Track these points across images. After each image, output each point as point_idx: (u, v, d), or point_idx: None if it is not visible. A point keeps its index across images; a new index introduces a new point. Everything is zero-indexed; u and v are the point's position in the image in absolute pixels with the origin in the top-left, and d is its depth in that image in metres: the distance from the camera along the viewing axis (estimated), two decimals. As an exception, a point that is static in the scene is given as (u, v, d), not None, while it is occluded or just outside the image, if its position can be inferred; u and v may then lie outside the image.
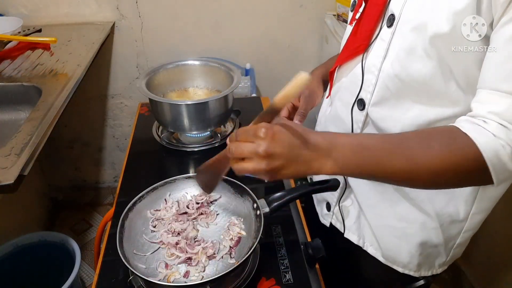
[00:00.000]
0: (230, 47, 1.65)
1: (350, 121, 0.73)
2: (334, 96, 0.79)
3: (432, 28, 0.56)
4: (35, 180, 1.83)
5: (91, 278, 1.67)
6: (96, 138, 1.87)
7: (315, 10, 1.61)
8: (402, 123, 0.65)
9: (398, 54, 0.62)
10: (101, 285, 0.72)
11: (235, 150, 0.55)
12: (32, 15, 1.50)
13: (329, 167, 0.54)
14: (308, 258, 0.77)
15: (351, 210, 0.81)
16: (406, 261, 0.77)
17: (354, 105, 0.71)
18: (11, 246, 1.35)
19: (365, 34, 0.66)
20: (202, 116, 1.03)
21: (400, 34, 0.61)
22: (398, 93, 0.64)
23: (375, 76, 0.65)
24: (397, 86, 0.63)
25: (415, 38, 0.58)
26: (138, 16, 1.55)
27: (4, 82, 1.12)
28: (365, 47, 0.67)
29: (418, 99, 0.63)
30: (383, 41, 0.64)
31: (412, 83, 0.61)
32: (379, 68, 0.65)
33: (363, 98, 0.69)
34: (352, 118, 0.72)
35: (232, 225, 0.77)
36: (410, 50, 0.60)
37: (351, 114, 0.72)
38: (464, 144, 0.51)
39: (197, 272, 0.68)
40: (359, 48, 0.67)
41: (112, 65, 1.66)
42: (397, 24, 0.61)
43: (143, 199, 0.79)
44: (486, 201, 0.71)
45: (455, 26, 0.54)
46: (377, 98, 0.67)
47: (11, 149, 0.83)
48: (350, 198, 0.81)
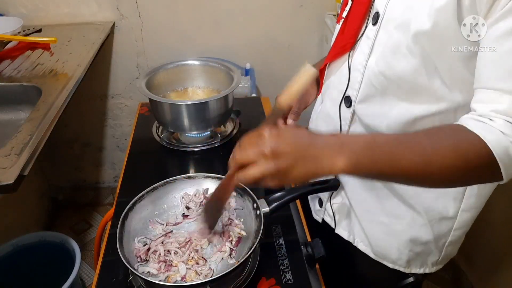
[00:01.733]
0: (230, 47, 1.65)
1: (338, 118, 0.74)
2: (324, 94, 0.79)
3: (415, 25, 0.56)
4: (35, 180, 1.83)
5: (91, 278, 1.67)
6: (96, 138, 1.87)
7: (315, 10, 1.61)
8: (388, 119, 0.66)
9: (383, 51, 0.62)
10: (101, 285, 0.72)
11: (240, 156, 0.53)
12: (32, 15, 1.50)
13: (341, 163, 0.51)
14: (308, 258, 0.77)
15: (341, 207, 0.82)
16: (395, 257, 0.77)
17: (341, 102, 0.72)
18: (11, 246, 1.35)
19: (352, 32, 0.67)
20: (202, 116, 1.03)
21: (385, 32, 0.62)
22: (383, 90, 0.64)
23: (361, 73, 0.66)
24: (382, 83, 0.64)
25: (399, 36, 0.59)
26: (138, 16, 1.55)
27: (4, 82, 1.12)
28: (351, 45, 0.67)
29: (403, 96, 0.63)
30: (368, 39, 0.64)
31: (397, 80, 0.62)
32: (365, 65, 0.65)
33: (349, 95, 0.70)
34: (340, 115, 0.73)
35: (232, 225, 0.77)
36: (394, 47, 0.60)
37: (339, 111, 0.73)
38: (473, 142, 0.51)
39: (197, 272, 0.68)
40: (346, 46, 0.68)
41: (112, 65, 1.66)
42: (381, 22, 0.62)
43: (143, 199, 0.79)
44: (474, 198, 0.71)
45: (436, 23, 0.54)
46: (363, 95, 0.67)
47: (11, 149, 0.83)
48: (340, 195, 0.82)
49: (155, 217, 0.80)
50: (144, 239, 0.74)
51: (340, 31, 0.72)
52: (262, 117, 1.22)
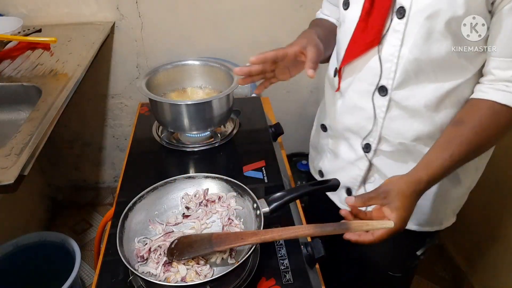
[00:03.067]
0: (230, 47, 1.65)
1: (372, 108, 0.78)
2: (346, 89, 0.83)
3: (448, 13, 0.63)
4: (35, 180, 1.83)
5: (91, 278, 1.67)
6: (96, 138, 1.87)
7: (315, 10, 1.60)
8: (425, 97, 0.73)
9: (415, 40, 0.68)
10: (101, 285, 0.72)
11: None
12: (32, 15, 1.50)
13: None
14: (308, 258, 0.77)
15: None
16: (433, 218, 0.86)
17: (374, 92, 0.77)
18: (11, 246, 1.35)
19: (377, 29, 0.72)
20: (202, 116, 1.03)
21: (415, 23, 0.67)
22: (418, 73, 0.71)
23: (394, 63, 0.72)
24: (416, 68, 0.70)
25: (430, 24, 0.65)
26: (138, 16, 1.55)
27: (4, 82, 1.12)
28: (379, 40, 0.72)
29: (436, 74, 0.71)
30: (396, 31, 0.70)
31: (431, 62, 0.69)
32: (397, 56, 0.71)
33: (384, 84, 0.75)
34: (373, 105, 0.78)
35: (232, 225, 0.77)
36: (427, 35, 0.67)
37: (372, 101, 0.78)
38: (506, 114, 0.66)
39: (197, 272, 0.68)
40: (373, 42, 0.73)
41: (112, 65, 1.66)
42: (409, 14, 0.67)
43: (143, 199, 0.79)
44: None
45: (468, 9, 0.62)
46: (399, 82, 0.73)
47: (11, 149, 0.83)
48: (373, 177, 0.86)
49: (155, 217, 0.80)
50: (144, 239, 0.75)
51: (359, 29, 0.75)
52: (262, 117, 1.22)
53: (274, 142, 1.13)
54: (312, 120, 1.09)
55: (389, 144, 0.80)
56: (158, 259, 0.70)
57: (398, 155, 0.81)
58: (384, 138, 0.80)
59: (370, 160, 0.84)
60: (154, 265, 0.70)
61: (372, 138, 0.81)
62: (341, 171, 0.91)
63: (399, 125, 0.77)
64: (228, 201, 0.81)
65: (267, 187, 0.94)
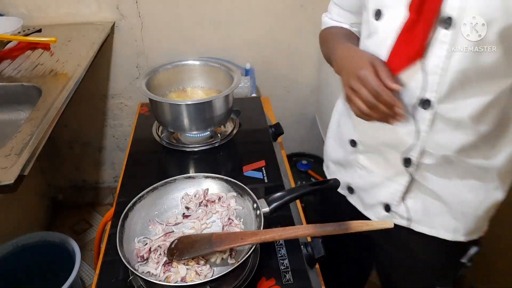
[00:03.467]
0: (230, 47, 1.65)
1: (413, 122, 0.75)
2: None
3: (501, 23, 0.61)
4: (35, 180, 1.83)
5: (91, 278, 1.67)
6: (96, 138, 1.87)
7: (315, 10, 1.61)
8: (470, 108, 0.70)
9: (465, 51, 0.65)
10: (101, 285, 0.72)
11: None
12: (32, 15, 1.50)
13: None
14: (308, 258, 0.77)
15: (418, 203, 0.82)
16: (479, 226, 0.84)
17: (416, 106, 0.73)
18: (11, 246, 1.35)
19: (421, 40, 0.69)
20: (202, 116, 1.03)
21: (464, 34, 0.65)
22: (464, 84, 0.68)
23: (439, 75, 0.69)
24: (463, 79, 0.68)
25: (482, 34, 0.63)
26: (138, 16, 1.55)
27: (4, 82, 1.12)
28: (423, 52, 0.69)
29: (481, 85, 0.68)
30: (443, 43, 0.66)
31: (479, 72, 0.67)
32: (442, 67, 0.68)
33: (428, 98, 0.72)
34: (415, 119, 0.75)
35: (232, 225, 0.77)
36: (477, 45, 0.64)
37: (413, 115, 0.75)
38: None
39: (197, 272, 0.68)
40: (417, 55, 0.70)
41: (112, 65, 1.66)
42: (456, 25, 0.64)
43: (143, 199, 0.79)
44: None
45: None
46: (444, 94, 0.70)
47: (11, 149, 0.83)
48: (414, 192, 0.83)
49: (155, 217, 0.80)
50: (144, 239, 0.75)
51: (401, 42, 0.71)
52: (262, 117, 1.22)
53: (274, 142, 1.13)
54: (312, 120, 1.09)
55: (432, 158, 0.77)
56: (158, 259, 0.70)
57: (440, 168, 0.78)
58: (427, 152, 0.76)
59: (411, 174, 0.80)
60: (154, 265, 0.70)
61: (413, 153, 0.77)
62: (377, 187, 0.86)
63: (442, 138, 0.74)
64: (228, 201, 0.81)
65: (267, 187, 0.94)
